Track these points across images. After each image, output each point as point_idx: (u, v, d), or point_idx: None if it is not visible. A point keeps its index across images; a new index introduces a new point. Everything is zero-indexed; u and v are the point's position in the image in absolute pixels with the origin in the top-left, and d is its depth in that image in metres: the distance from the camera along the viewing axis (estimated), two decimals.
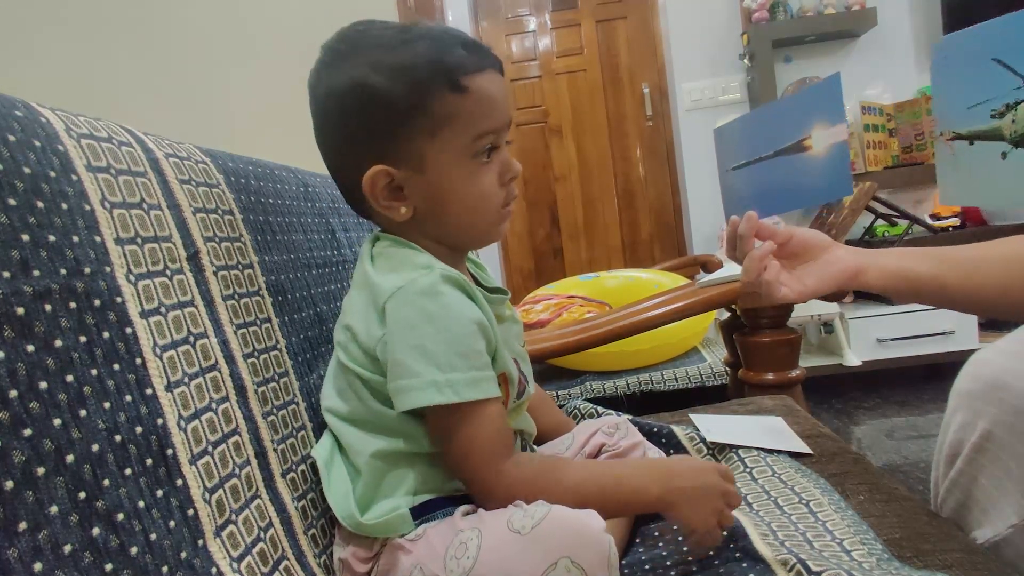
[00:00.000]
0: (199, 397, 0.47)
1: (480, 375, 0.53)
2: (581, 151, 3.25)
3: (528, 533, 0.47)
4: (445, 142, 0.56)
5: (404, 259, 0.58)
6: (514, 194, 0.61)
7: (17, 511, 0.32)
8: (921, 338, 2.28)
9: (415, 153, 0.56)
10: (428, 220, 0.59)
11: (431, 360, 0.52)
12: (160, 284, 0.47)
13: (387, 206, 0.58)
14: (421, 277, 0.54)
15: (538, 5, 3.24)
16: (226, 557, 0.44)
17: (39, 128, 0.42)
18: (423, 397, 0.52)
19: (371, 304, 0.56)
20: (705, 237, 2.86)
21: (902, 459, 1.78)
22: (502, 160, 0.59)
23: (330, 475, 0.57)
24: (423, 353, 0.52)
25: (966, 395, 0.69)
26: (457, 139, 0.56)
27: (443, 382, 0.52)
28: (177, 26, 1.75)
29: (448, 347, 0.52)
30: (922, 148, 2.56)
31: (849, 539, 0.58)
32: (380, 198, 0.57)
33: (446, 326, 0.53)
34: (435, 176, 0.57)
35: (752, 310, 1.21)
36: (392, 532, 0.54)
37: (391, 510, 0.54)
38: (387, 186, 0.57)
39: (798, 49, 2.73)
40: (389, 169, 0.56)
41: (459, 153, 0.57)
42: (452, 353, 0.52)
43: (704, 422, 0.87)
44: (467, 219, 0.59)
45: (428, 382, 0.52)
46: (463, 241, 0.62)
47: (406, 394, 0.52)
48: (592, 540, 0.47)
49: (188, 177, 0.56)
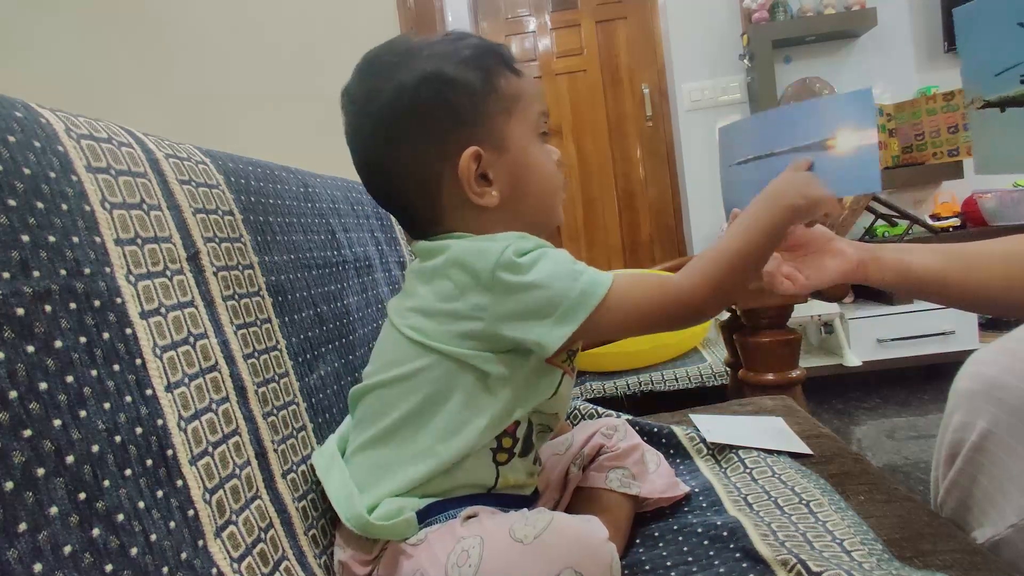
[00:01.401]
0: (199, 398, 0.47)
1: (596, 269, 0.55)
2: (581, 151, 3.25)
3: (531, 543, 0.47)
4: (519, 119, 0.60)
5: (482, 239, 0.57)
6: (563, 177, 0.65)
7: (17, 512, 0.32)
8: (921, 338, 2.28)
9: (497, 132, 0.58)
10: (511, 205, 0.59)
11: (566, 278, 0.53)
12: (160, 285, 0.47)
13: (479, 192, 0.58)
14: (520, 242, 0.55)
15: (538, 5, 3.24)
16: (226, 558, 0.44)
17: (39, 129, 0.42)
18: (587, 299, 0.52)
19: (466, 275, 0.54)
20: (705, 237, 2.86)
21: (902, 459, 1.78)
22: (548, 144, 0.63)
23: (330, 478, 0.57)
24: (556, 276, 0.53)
25: (965, 394, 0.69)
26: (527, 115, 0.60)
27: (585, 284, 0.52)
28: (177, 26, 1.75)
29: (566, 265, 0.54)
30: (922, 148, 2.56)
31: (849, 539, 0.58)
32: (473, 185, 0.58)
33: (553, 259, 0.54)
34: (516, 153, 0.59)
35: (752, 310, 1.21)
36: (398, 536, 0.53)
37: (398, 512, 0.53)
38: (475, 172, 0.58)
39: (798, 49, 2.73)
40: (478, 151, 0.57)
41: (530, 129, 0.61)
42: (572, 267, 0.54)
43: (704, 422, 0.87)
44: (545, 197, 0.62)
45: (578, 291, 0.52)
46: (541, 223, 0.63)
47: (571, 312, 0.52)
48: (595, 550, 0.47)
49: (188, 178, 0.56)
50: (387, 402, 0.57)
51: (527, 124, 0.60)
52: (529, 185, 0.60)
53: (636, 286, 0.54)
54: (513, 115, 0.59)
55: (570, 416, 0.85)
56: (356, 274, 0.84)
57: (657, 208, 3.24)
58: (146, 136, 0.54)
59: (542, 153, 0.61)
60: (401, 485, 0.55)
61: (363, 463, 0.57)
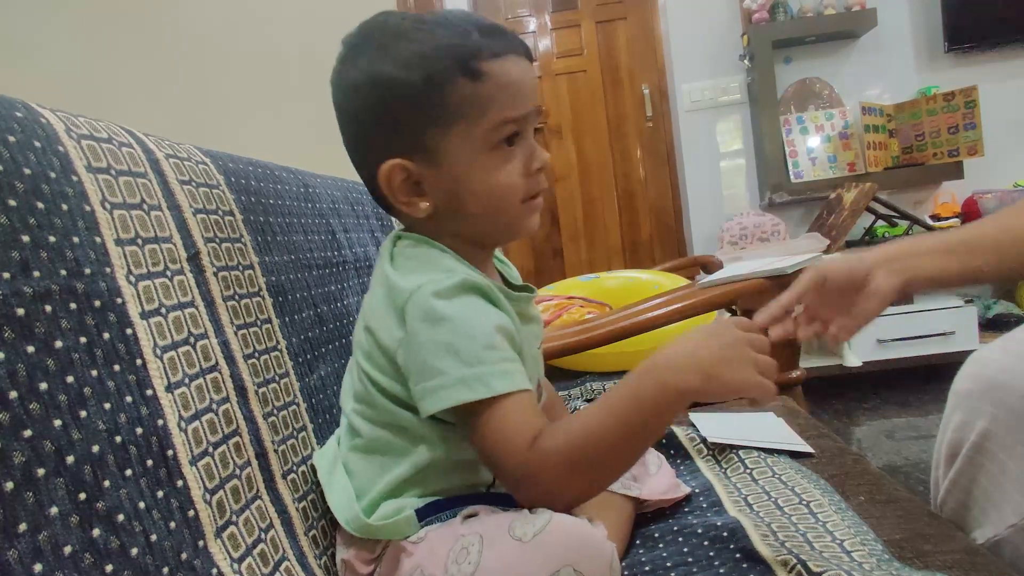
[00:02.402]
0: (199, 398, 0.47)
1: (511, 367, 0.50)
2: (581, 152, 3.25)
3: (530, 541, 0.47)
4: (461, 132, 0.54)
5: (426, 260, 0.56)
6: (542, 185, 0.58)
7: (17, 512, 0.32)
8: (921, 338, 2.28)
9: (430, 145, 0.54)
10: (449, 216, 0.57)
11: (457, 356, 0.49)
12: (160, 285, 0.47)
13: (406, 202, 0.56)
14: (444, 279, 0.52)
15: (538, 6, 3.24)
16: (227, 558, 0.44)
17: (39, 129, 0.42)
18: (453, 395, 0.48)
19: (390, 305, 0.54)
20: (705, 238, 2.86)
21: (902, 460, 1.78)
22: (527, 149, 0.56)
23: (332, 481, 0.57)
24: (448, 350, 0.49)
25: (965, 394, 0.69)
26: (474, 128, 0.54)
27: (471, 377, 0.49)
28: (177, 26, 1.75)
29: (472, 342, 0.50)
30: (922, 149, 2.56)
31: (849, 540, 0.58)
32: (399, 193, 0.56)
33: (469, 325, 0.50)
34: (452, 169, 0.55)
35: (753, 311, 1.21)
36: (399, 535, 0.53)
37: (397, 511, 0.53)
38: (405, 181, 0.56)
39: (798, 50, 2.73)
40: (404, 163, 0.55)
41: (477, 143, 0.54)
42: (478, 347, 0.49)
43: (704, 422, 0.87)
44: (488, 213, 0.57)
45: (456, 379, 0.49)
46: (486, 236, 0.60)
47: (434, 395, 0.49)
48: (594, 548, 0.47)
49: (188, 178, 0.56)
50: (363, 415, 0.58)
51: (472, 137, 0.54)
52: (467, 200, 0.56)
53: (513, 422, 0.49)
54: (453, 128, 0.54)
55: None
56: (356, 274, 0.84)
57: (657, 208, 3.24)
58: (146, 136, 0.54)
59: (491, 166, 0.55)
60: (392, 485, 0.55)
61: (358, 463, 0.57)
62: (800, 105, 2.74)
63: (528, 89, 0.55)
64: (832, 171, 2.60)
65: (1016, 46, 2.60)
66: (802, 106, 2.74)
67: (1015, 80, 2.62)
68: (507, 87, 0.54)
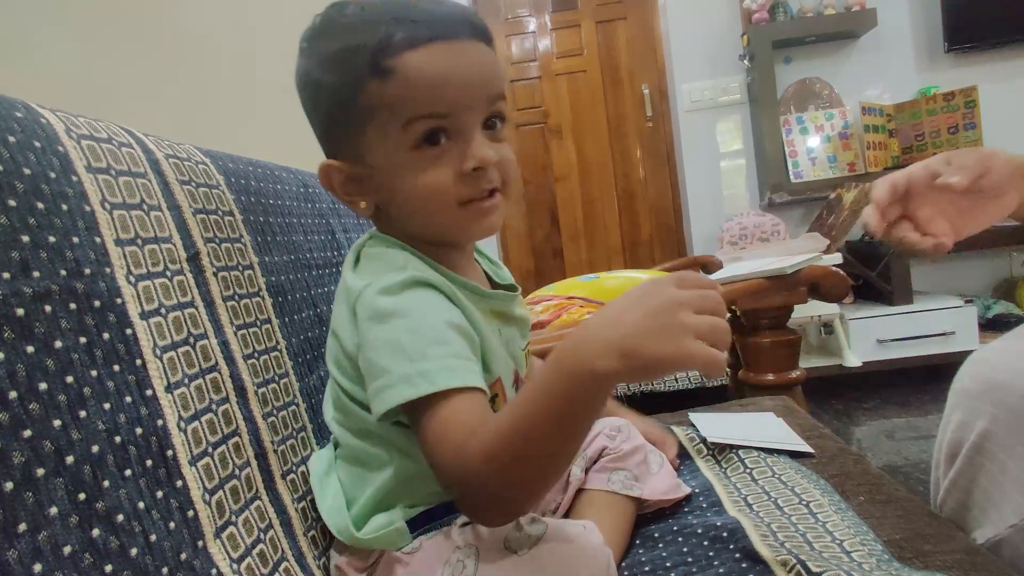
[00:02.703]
0: (199, 398, 0.47)
1: (459, 363, 0.47)
2: (581, 152, 3.25)
3: (525, 554, 0.47)
4: (378, 133, 0.51)
5: (382, 259, 0.54)
6: (483, 186, 0.52)
7: (17, 512, 0.32)
8: (921, 339, 2.28)
9: (356, 146, 0.53)
10: (389, 216, 0.55)
11: (402, 353, 0.46)
12: (160, 285, 0.47)
13: (348, 201, 0.56)
14: (389, 276, 0.50)
15: (538, 6, 3.24)
16: (226, 558, 0.44)
17: (39, 129, 0.42)
18: (396, 394, 0.45)
19: (346, 308, 0.53)
20: (705, 238, 2.86)
21: (902, 460, 1.78)
22: (460, 148, 0.51)
23: (324, 488, 0.56)
24: (394, 348, 0.46)
25: (965, 394, 0.69)
26: (387, 129, 0.50)
27: (415, 373, 0.45)
28: (177, 26, 1.75)
29: (418, 337, 0.47)
30: (922, 149, 2.56)
31: (849, 540, 0.58)
32: (340, 193, 0.55)
33: (416, 321, 0.48)
34: (379, 171, 0.53)
35: (752, 311, 1.21)
36: (390, 546, 0.52)
37: (387, 524, 0.52)
38: (344, 181, 0.55)
39: (798, 50, 2.73)
40: (339, 164, 0.54)
41: (395, 144, 0.51)
42: (424, 343, 0.46)
43: (704, 422, 0.87)
44: (422, 216, 0.53)
45: (400, 377, 0.46)
46: (436, 237, 0.55)
47: (380, 395, 0.46)
48: (590, 556, 0.47)
49: (188, 178, 0.56)
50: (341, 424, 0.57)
51: (388, 138, 0.51)
52: (400, 206, 0.53)
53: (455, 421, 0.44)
54: (370, 127, 0.51)
55: None
56: None
57: (657, 208, 3.24)
58: (146, 136, 0.54)
59: (414, 169, 0.51)
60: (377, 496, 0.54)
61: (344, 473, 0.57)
62: (800, 105, 2.74)
63: (452, 79, 0.50)
64: (832, 171, 2.60)
65: (1016, 46, 2.60)
66: (802, 106, 2.74)
67: (1015, 80, 2.62)
68: (420, 81, 0.49)
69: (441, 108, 0.50)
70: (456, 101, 0.50)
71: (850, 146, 2.61)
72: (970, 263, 2.65)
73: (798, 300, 1.24)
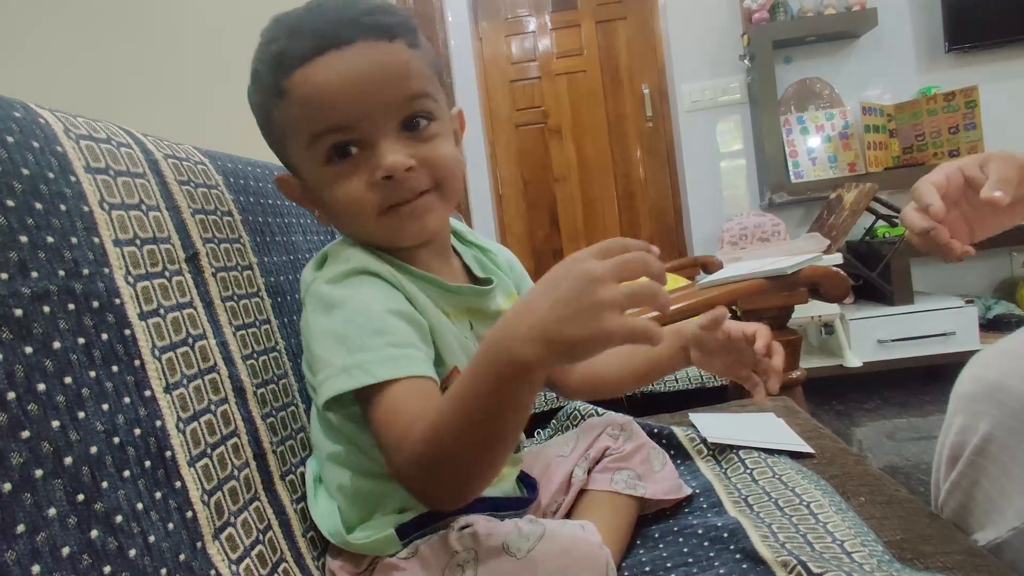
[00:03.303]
0: (198, 399, 0.47)
1: (399, 352, 0.46)
2: (581, 152, 3.25)
3: (524, 556, 0.47)
4: (294, 151, 0.53)
5: (334, 254, 0.55)
6: (396, 194, 0.51)
7: (15, 513, 0.32)
8: (921, 339, 2.28)
9: (289, 162, 0.56)
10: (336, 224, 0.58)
11: (343, 345, 0.47)
12: (159, 285, 0.47)
13: (308, 208, 0.59)
14: (332, 268, 0.52)
15: (538, 6, 3.24)
16: (225, 559, 0.44)
17: (38, 129, 0.42)
18: (335, 385, 0.46)
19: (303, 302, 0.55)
20: (705, 238, 2.86)
21: (903, 461, 1.78)
22: (368, 158, 0.50)
23: (316, 492, 0.56)
24: (335, 339, 0.47)
25: (967, 397, 0.69)
26: (298, 146, 0.52)
27: (353, 365, 0.46)
28: (176, 26, 1.75)
29: (358, 328, 0.47)
30: (923, 149, 2.55)
31: (850, 541, 0.58)
32: (302, 201, 0.58)
33: (356, 310, 0.48)
34: (309, 180, 0.55)
35: (752, 311, 1.21)
36: (381, 552, 0.52)
37: (378, 530, 0.52)
38: (297, 189, 0.57)
39: (798, 50, 2.73)
40: (286, 176, 0.57)
41: (309, 161, 0.52)
42: (364, 334, 0.47)
43: (704, 422, 0.87)
44: (350, 227, 0.55)
45: (340, 368, 0.46)
46: (374, 244, 0.55)
47: (321, 387, 0.47)
48: (589, 557, 0.47)
49: (187, 178, 0.55)
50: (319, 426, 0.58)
51: (302, 153, 0.52)
52: (331, 215, 0.55)
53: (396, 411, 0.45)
54: (288, 147, 0.53)
55: (571, 416, 0.85)
56: None
57: (657, 208, 3.24)
58: (145, 136, 0.54)
59: (332, 182, 0.51)
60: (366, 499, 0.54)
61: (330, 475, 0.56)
62: (800, 105, 2.74)
63: (350, 90, 0.48)
64: (832, 171, 2.60)
65: (1016, 46, 2.60)
66: (802, 106, 2.74)
67: (1015, 80, 2.62)
68: (313, 98, 0.48)
69: (340, 121, 0.49)
70: (354, 111, 0.49)
71: (850, 146, 2.61)
72: (970, 263, 2.65)
73: (798, 300, 1.23)
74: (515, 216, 3.29)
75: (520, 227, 3.30)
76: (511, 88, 3.25)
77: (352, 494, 0.54)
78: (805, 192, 2.60)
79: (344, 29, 0.48)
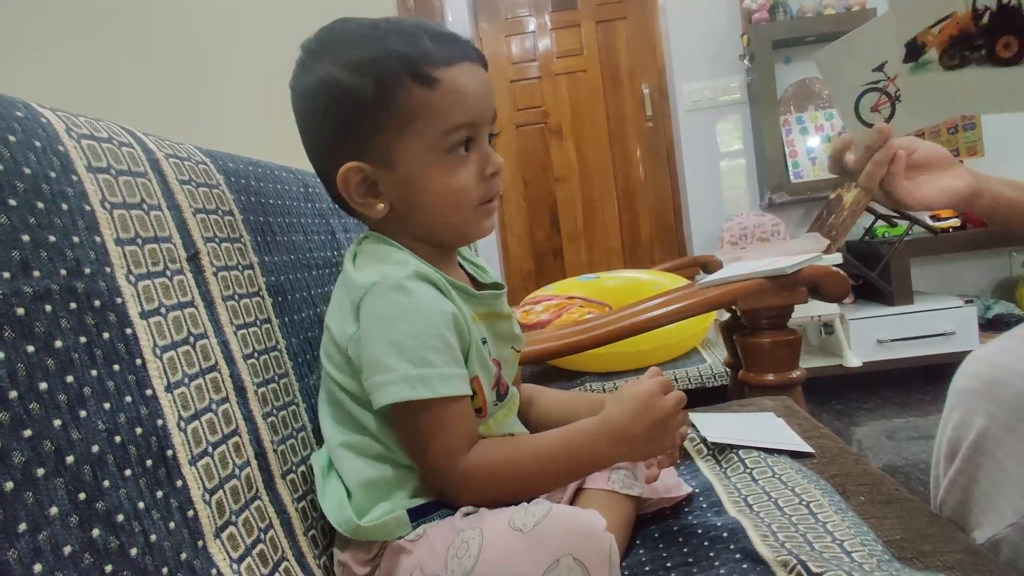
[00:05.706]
0: (199, 398, 0.47)
1: (451, 372, 0.53)
2: (581, 152, 3.25)
3: (530, 531, 0.47)
4: (414, 137, 0.56)
5: (382, 256, 0.58)
6: (496, 189, 0.60)
7: (17, 512, 0.32)
8: (921, 339, 2.28)
9: (384, 149, 0.56)
10: (405, 217, 0.59)
11: (404, 355, 0.52)
12: (160, 285, 0.47)
13: (363, 203, 0.58)
14: (394, 272, 0.54)
15: (538, 6, 3.24)
16: (226, 558, 0.44)
17: (40, 129, 0.42)
18: (397, 392, 0.51)
19: (347, 301, 0.56)
20: (705, 238, 2.86)
21: (903, 460, 1.78)
22: (482, 154, 0.58)
23: (326, 483, 0.57)
24: (397, 348, 0.52)
25: (964, 393, 0.69)
26: (427, 133, 0.56)
27: (416, 377, 0.51)
28: (177, 25, 1.75)
29: (420, 342, 0.52)
30: None
31: (850, 540, 0.58)
32: (355, 195, 0.58)
33: (417, 320, 0.53)
34: (406, 172, 0.57)
35: (752, 311, 1.21)
36: (389, 535, 0.53)
37: (390, 511, 0.54)
38: (361, 183, 0.58)
39: (798, 50, 2.73)
40: (361, 166, 0.57)
41: (430, 148, 0.56)
42: (425, 348, 0.52)
43: (704, 422, 0.87)
44: (441, 215, 0.59)
45: (401, 377, 0.51)
46: (442, 238, 0.61)
47: (381, 390, 0.52)
48: (594, 538, 0.48)
49: (188, 178, 0.56)
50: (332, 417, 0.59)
51: (425, 142, 0.56)
52: (422, 202, 0.58)
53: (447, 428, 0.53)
54: (406, 133, 0.55)
55: None
56: None
57: (657, 208, 3.24)
58: (146, 136, 0.54)
59: (445, 171, 0.57)
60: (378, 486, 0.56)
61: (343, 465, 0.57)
62: (800, 105, 2.74)
63: (481, 96, 0.57)
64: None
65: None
66: (802, 106, 2.74)
67: None
68: (459, 94, 0.55)
69: (475, 118, 0.57)
70: (481, 114, 0.57)
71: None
72: (970, 263, 2.65)
73: (798, 300, 1.23)
74: (515, 216, 3.29)
75: (520, 227, 3.30)
76: (511, 88, 3.25)
77: (367, 482, 0.55)
78: (805, 192, 2.60)
79: (471, 50, 0.58)
